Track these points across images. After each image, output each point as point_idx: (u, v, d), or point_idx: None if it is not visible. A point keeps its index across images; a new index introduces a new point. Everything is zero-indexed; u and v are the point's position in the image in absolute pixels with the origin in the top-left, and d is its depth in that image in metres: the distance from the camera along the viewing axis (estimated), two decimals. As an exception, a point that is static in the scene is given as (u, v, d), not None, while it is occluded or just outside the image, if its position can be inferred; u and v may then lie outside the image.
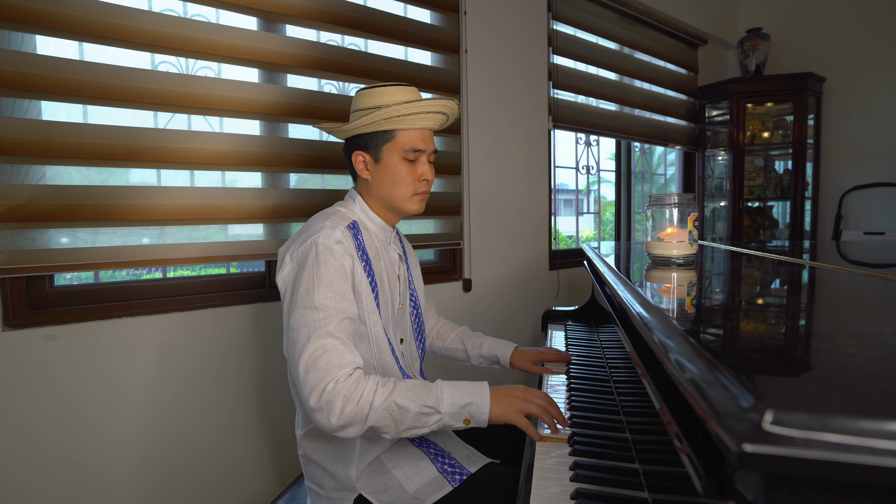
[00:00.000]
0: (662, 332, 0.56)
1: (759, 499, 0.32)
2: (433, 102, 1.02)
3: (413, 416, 0.82)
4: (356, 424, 0.81)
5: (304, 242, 0.93)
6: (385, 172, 1.03)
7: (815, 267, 1.10)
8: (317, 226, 0.96)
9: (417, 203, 1.07)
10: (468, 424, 0.87)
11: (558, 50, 2.24)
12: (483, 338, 1.30)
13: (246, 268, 1.59)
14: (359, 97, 1.05)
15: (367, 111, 1.01)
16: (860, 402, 0.36)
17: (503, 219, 2.07)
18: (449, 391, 0.85)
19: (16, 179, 1.13)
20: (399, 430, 0.83)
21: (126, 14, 1.20)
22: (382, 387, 0.83)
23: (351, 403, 0.80)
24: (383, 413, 0.81)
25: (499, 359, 1.26)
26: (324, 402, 0.79)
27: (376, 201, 1.07)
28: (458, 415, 0.85)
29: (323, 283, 0.88)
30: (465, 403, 0.85)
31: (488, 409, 0.86)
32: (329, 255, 0.91)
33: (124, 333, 1.24)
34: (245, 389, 1.43)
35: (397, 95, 1.02)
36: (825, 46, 2.98)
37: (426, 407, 0.83)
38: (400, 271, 1.12)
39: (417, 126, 1.03)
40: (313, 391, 0.80)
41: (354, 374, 0.83)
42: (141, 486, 1.27)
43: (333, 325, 0.86)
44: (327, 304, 0.87)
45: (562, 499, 0.71)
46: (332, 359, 0.82)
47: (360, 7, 1.62)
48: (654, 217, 1.10)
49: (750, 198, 2.96)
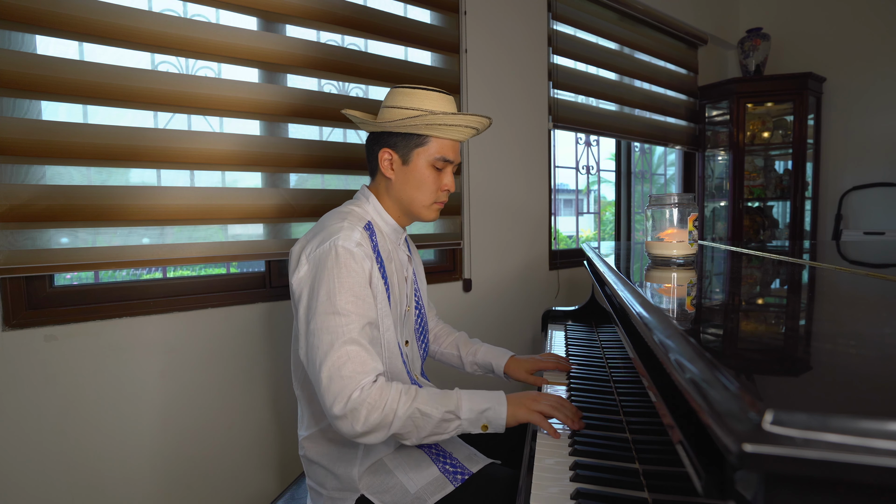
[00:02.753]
0: (662, 332, 0.56)
1: (759, 499, 0.32)
2: (474, 118, 1.01)
3: (435, 423, 0.85)
4: (380, 431, 0.82)
5: (323, 244, 0.91)
6: (410, 175, 1.02)
7: (816, 267, 1.10)
8: (334, 226, 0.94)
9: (435, 212, 1.07)
10: (486, 430, 0.89)
11: (558, 50, 2.24)
12: (479, 345, 1.28)
13: (246, 268, 1.59)
14: (397, 94, 1.03)
15: (405, 110, 1.00)
16: (860, 402, 0.36)
17: (503, 219, 2.07)
18: (467, 398, 0.88)
19: (16, 179, 1.13)
20: (420, 437, 0.85)
21: (126, 14, 1.20)
22: (405, 394, 0.84)
23: (376, 412, 0.80)
24: (407, 421, 0.83)
25: (493, 367, 1.24)
26: (349, 409, 0.80)
27: (394, 202, 1.06)
28: (477, 420, 0.88)
29: (345, 287, 0.87)
30: (482, 409, 0.88)
31: (505, 413, 0.89)
32: (350, 258, 0.89)
33: (124, 333, 1.24)
34: (245, 389, 1.43)
35: (438, 103, 1.01)
36: (825, 46, 2.98)
37: (448, 413, 0.86)
38: (408, 273, 1.12)
39: (453, 137, 1.03)
40: (337, 399, 0.80)
41: (378, 381, 0.84)
42: (141, 485, 1.27)
43: (356, 331, 0.85)
44: (349, 308, 0.86)
45: (562, 499, 0.71)
46: (356, 367, 0.82)
47: (360, 7, 1.62)
48: (654, 217, 1.10)
49: (750, 198, 2.96)
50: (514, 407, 0.90)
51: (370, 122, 1.04)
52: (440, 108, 1.01)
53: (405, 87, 1.03)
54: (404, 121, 0.98)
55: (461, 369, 1.29)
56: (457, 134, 1.03)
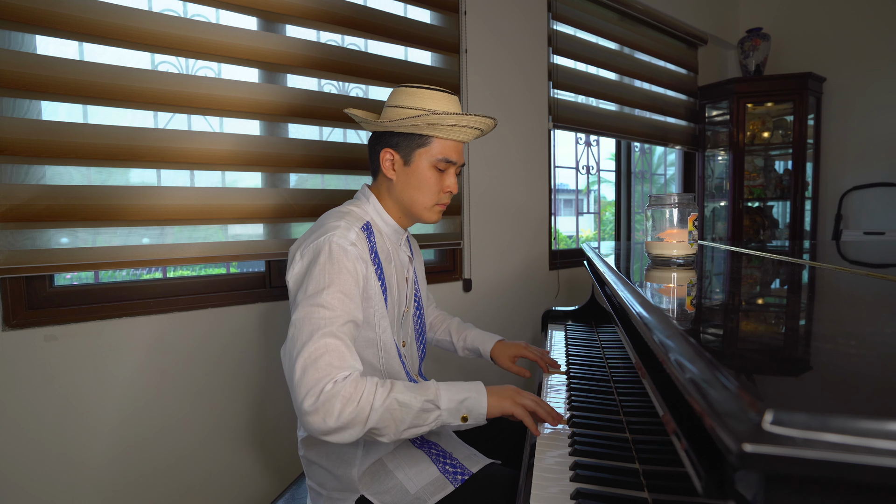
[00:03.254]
0: (662, 332, 0.56)
1: (759, 499, 0.32)
2: (478, 119, 1.00)
3: (415, 413, 0.80)
4: (355, 426, 0.76)
5: (317, 240, 0.90)
6: (412, 176, 1.01)
7: (815, 267, 1.10)
8: (331, 224, 0.93)
9: (437, 213, 1.06)
10: (466, 421, 0.85)
11: (558, 50, 2.24)
12: (470, 329, 1.30)
13: (246, 268, 1.59)
14: (401, 93, 1.01)
15: (408, 109, 0.99)
16: (860, 402, 0.36)
17: (503, 219, 2.07)
18: (445, 388, 0.85)
19: (16, 179, 1.13)
20: (399, 431, 0.80)
21: (126, 14, 1.20)
22: (381, 386, 0.80)
23: (351, 404, 0.75)
24: (384, 413, 0.78)
25: (480, 351, 1.27)
26: (321, 403, 0.74)
27: (395, 203, 1.05)
28: (457, 411, 0.84)
29: (334, 282, 0.86)
30: (461, 399, 0.84)
31: (485, 402, 0.86)
32: (343, 255, 0.88)
33: (124, 333, 1.24)
34: (245, 389, 1.43)
35: (441, 103, 1.00)
36: (825, 46, 2.98)
37: (427, 402, 0.81)
38: (409, 274, 1.11)
39: (456, 138, 1.01)
40: (309, 392, 0.75)
41: (352, 375, 0.79)
42: (141, 485, 1.27)
43: (338, 326, 0.83)
44: (335, 304, 0.84)
45: (562, 499, 0.71)
46: (332, 360, 0.78)
47: (360, 7, 1.62)
48: (654, 217, 1.10)
49: (750, 198, 2.96)
50: (498, 398, 0.87)
51: (372, 121, 1.03)
52: (443, 107, 1.00)
53: (409, 87, 1.01)
54: (405, 120, 0.96)
55: (455, 354, 1.32)
56: (460, 135, 1.01)
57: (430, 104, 0.99)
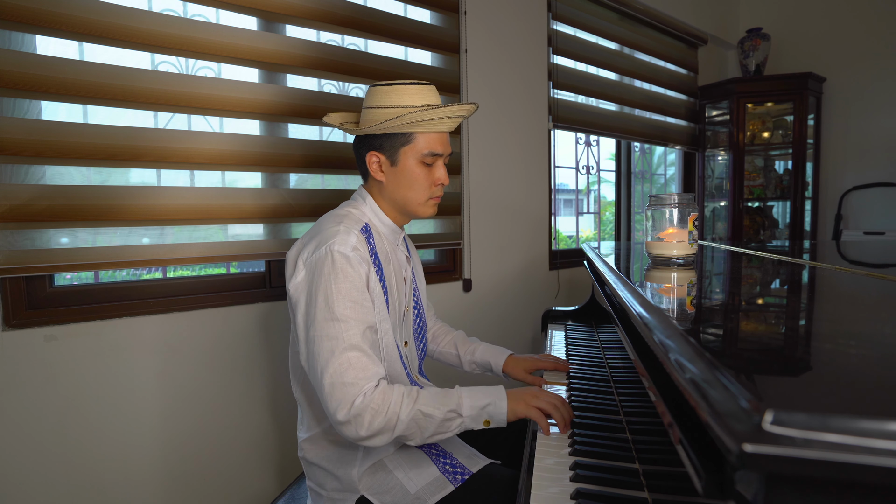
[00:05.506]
0: (662, 332, 0.56)
1: (759, 499, 0.32)
2: (455, 108, 0.98)
3: (438, 423, 0.85)
4: (384, 434, 0.83)
5: (319, 249, 0.90)
6: (401, 176, 1.00)
7: (815, 267, 1.10)
8: (330, 230, 0.92)
9: (431, 208, 1.05)
10: (488, 426, 0.90)
11: (558, 50, 2.24)
12: (477, 343, 1.27)
13: (246, 268, 1.59)
14: (376, 93, 1.00)
15: (385, 109, 0.98)
16: (860, 402, 0.36)
17: (503, 219, 2.07)
18: (468, 395, 0.89)
19: (16, 179, 1.13)
20: (424, 437, 0.86)
21: (126, 14, 1.20)
22: (407, 397, 0.85)
23: (379, 416, 0.81)
24: (410, 423, 0.84)
25: (491, 366, 1.23)
26: (352, 415, 0.81)
27: (389, 203, 1.05)
28: (479, 417, 0.88)
29: (342, 292, 0.87)
30: (483, 405, 0.88)
31: (506, 407, 0.89)
32: (346, 263, 0.89)
33: (124, 333, 1.24)
34: (245, 389, 1.43)
35: (417, 97, 0.98)
36: (825, 46, 2.98)
37: (450, 412, 0.86)
38: (407, 273, 1.11)
39: (438, 129, 1.00)
40: (340, 406, 0.81)
41: (380, 385, 0.84)
42: (141, 485, 1.27)
43: (356, 337, 0.86)
44: (348, 314, 0.86)
45: (562, 499, 0.71)
46: (357, 373, 0.83)
47: (360, 7, 1.62)
48: (654, 217, 1.10)
49: (750, 198, 2.96)
50: (514, 402, 0.91)
51: (351, 128, 1.03)
52: (420, 101, 0.98)
53: (383, 85, 0.99)
54: (384, 124, 0.95)
55: (460, 368, 1.29)
56: (442, 126, 1.00)
57: (406, 100, 0.98)
